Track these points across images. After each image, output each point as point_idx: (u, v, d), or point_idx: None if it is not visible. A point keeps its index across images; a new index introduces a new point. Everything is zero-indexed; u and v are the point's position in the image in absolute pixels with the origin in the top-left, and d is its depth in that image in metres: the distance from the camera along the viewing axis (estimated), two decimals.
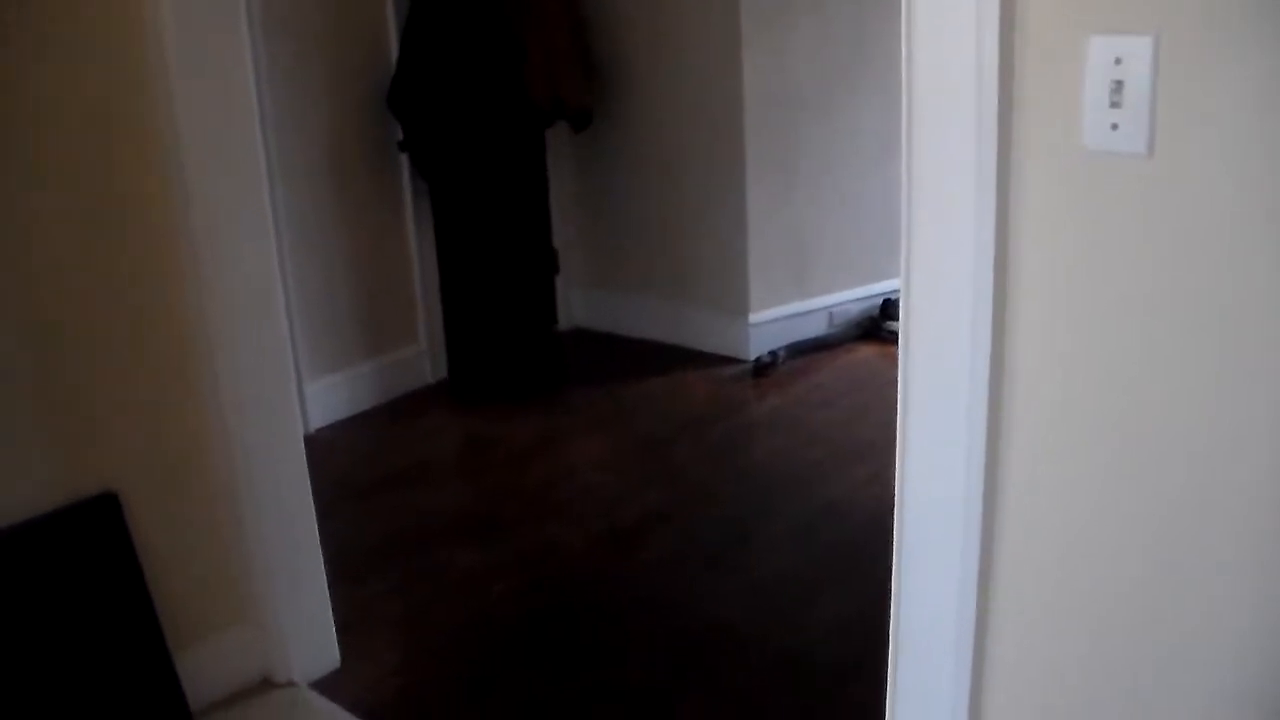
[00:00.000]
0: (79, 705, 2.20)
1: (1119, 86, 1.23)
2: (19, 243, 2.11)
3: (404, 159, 4.26)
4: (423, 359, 4.50)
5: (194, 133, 2.24)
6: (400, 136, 4.18)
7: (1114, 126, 1.24)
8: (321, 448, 3.90)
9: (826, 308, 4.81)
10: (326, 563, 2.65)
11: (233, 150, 2.32)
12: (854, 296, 4.84)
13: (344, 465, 3.84)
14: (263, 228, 2.42)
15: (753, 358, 4.61)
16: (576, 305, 5.13)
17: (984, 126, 1.35)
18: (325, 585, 2.65)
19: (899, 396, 1.55)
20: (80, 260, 2.20)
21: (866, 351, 4.71)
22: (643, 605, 2.96)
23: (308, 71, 3.94)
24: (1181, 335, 1.27)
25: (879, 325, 4.81)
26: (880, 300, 4.83)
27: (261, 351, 2.43)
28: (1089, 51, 1.26)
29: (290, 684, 2.59)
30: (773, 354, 4.57)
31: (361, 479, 3.76)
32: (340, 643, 2.70)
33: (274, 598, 2.55)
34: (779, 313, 4.68)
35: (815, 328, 4.78)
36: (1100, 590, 1.43)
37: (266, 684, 2.60)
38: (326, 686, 2.61)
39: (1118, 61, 1.23)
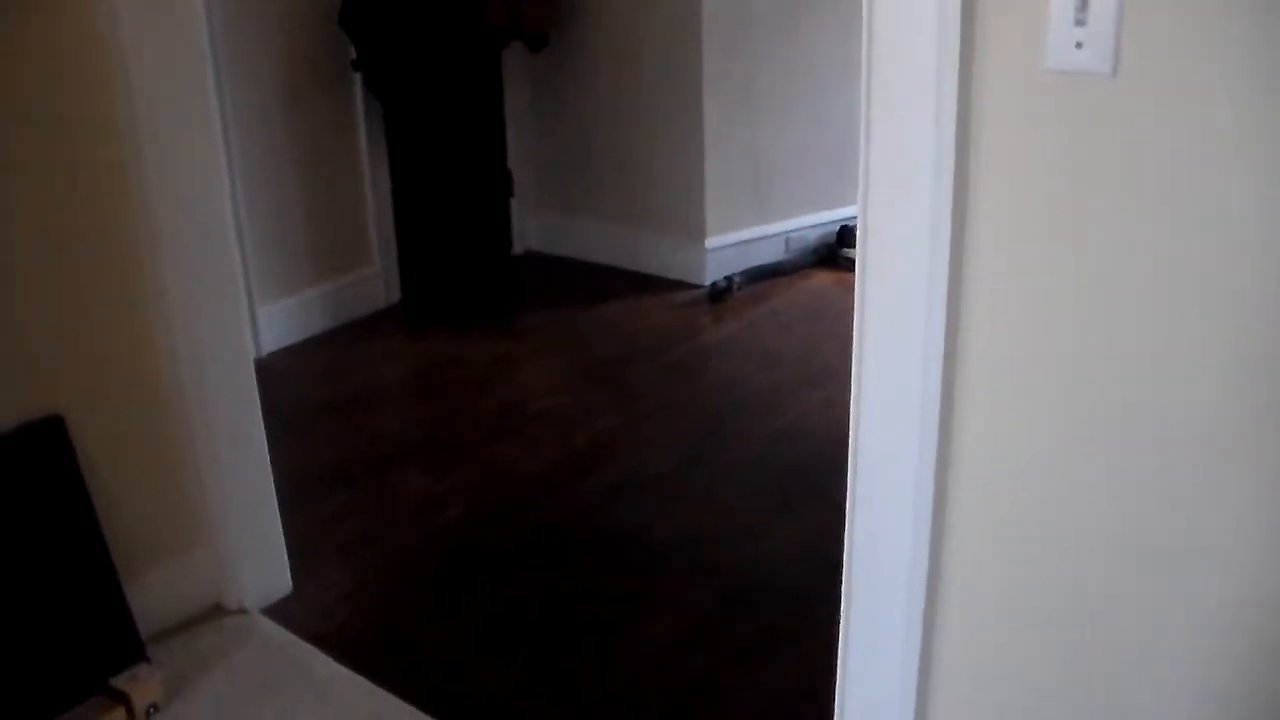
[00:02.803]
0: (28, 635, 2.17)
1: (1084, 3, 1.20)
2: None
3: (357, 79, 4.18)
4: (376, 282, 4.45)
5: (141, 49, 2.18)
6: (353, 55, 4.10)
7: (1078, 45, 1.22)
8: (274, 372, 3.85)
9: (783, 233, 4.78)
10: (279, 488, 2.62)
11: (181, 68, 2.26)
12: (811, 222, 4.82)
13: (296, 389, 3.81)
14: (211, 148, 2.38)
15: (708, 283, 4.59)
16: (531, 229, 5.07)
17: (945, 46, 1.32)
18: (277, 511, 2.63)
19: (855, 322, 1.53)
20: (25, 181, 2.14)
21: (822, 278, 4.70)
22: (596, 529, 2.96)
23: None
24: (1141, 260, 1.26)
25: (835, 252, 4.79)
26: (838, 226, 4.81)
27: (210, 274, 2.39)
28: None
29: (242, 610, 2.57)
30: (728, 279, 4.55)
31: (314, 403, 3.72)
32: (292, 568, 2.68)
33: (225, 524, 2.53)
34: (735, 238, 4.66)
35: (772, 253, 4.76)
36: (1058, 507, 1.43)
37: (218, 610, 2.58)
38: (278, 612, 2.60)
39: None
